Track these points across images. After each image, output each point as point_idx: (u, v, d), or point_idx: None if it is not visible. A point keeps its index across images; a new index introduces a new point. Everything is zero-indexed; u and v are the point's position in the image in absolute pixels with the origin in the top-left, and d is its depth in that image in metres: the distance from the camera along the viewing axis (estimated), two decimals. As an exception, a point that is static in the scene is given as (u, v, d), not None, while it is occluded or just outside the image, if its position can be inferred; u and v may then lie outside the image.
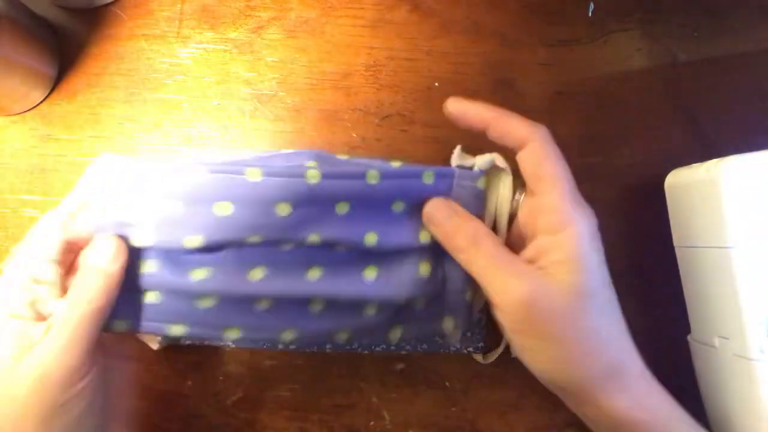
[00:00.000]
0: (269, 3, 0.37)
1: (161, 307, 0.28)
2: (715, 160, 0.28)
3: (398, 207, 0.29)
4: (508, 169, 0.29)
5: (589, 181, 0.36)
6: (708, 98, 0.36)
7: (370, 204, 0.28)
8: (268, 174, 0.27)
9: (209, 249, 0.27)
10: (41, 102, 0.36)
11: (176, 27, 0.37)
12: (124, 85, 0.36)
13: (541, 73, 0.36)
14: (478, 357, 0.33)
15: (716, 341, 0.28)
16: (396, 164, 0.30)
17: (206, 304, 0.27)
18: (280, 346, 0.32)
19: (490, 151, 0.29)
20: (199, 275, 0.27)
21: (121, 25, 0.37)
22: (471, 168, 0.29)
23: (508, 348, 0.34)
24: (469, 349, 0.33)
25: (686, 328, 0.31)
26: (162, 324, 0.28)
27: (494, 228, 0.30)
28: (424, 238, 0.29)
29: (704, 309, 0.30)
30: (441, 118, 0.36)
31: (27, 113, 0.36)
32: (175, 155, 0.36)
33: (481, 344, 0.33)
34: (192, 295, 0.27)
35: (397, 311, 0.29)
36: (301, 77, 0.36)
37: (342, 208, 0.28)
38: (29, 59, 0.33)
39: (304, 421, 0.34)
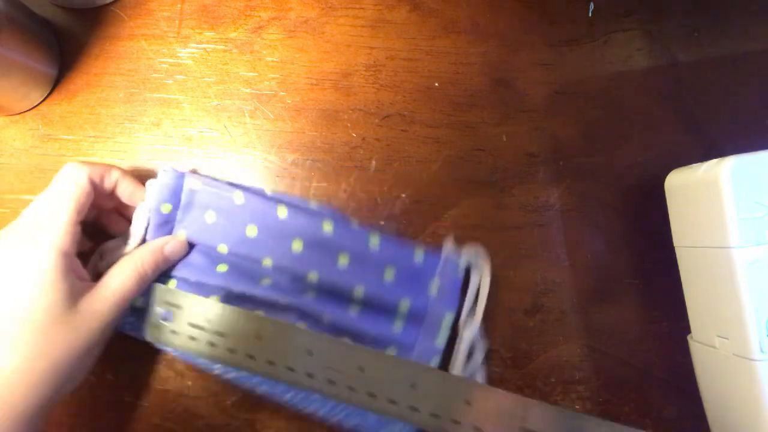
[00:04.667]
0: (269, 3, 0.37)
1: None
2: (715, 160, 0.28)
3: (389, 275, 0.33)
4: (488, 265, 0.34)
5: (589, 181, 0.36)
6: (708, 98, 0.36)
7: (366, 264, 0.33)
8: (292, 214, 0.33)
9: (233, 256, 0.33)
10: (41, 102, 0.36)
11: (176, 27, 0.37)
12: (124, 85, 0.36)
13: (541, 73, 0.36)
14: None
15: (716, 341, 0.28)
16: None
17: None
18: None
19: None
20: (222, 268, 0.32)
21: (121, 25, 0.37)
22: (457, 257, 0.34)
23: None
24: None
25: (686, 328, 0.31)
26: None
27: (474, 308, 0.33)
28: (403, 306, 0.33)
29: (704, 309, 0.30)
30: (441, 118, 0.36)
31: (27, 113, 0.36)
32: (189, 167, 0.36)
33: None
34: (209, 289, 0.32)
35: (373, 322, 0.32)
36: (301, 77, 0.36)
37: (343, 260, 0.33)
38: (29, 59, 0.33)
39: (304, 420, 0.34)
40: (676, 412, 0.34)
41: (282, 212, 0.33)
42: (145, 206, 0.32)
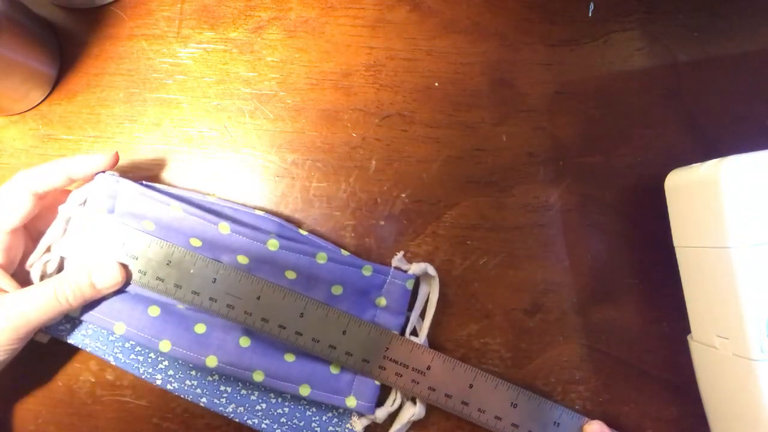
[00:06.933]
0: (269, 3, 0.37)
1: (115, 306, 0.31)
2: (715, 160, 0.28)
3: (337, 290, 0.33)
4: (437, 278, 0.33)
5: (589, 181, 0.36)
6: (708, 98, 0.36)
7: (314, 278, 0.32)
8: (235, 231, 0.32)
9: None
10: (41, 102, 0.36)
11: (176, 27, 0.37)
12: (124, 85, 0.36)
13: (541, 73, 0.36)
14: None
15: (716, 341, 0.28)
16: (345, 253, 0.34)
17: (153, 313, 0.31)
18: (198, 375, 0.32)
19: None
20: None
21: (121, 25, 0.37)
22: (405, 271, 0.34)
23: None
24: None
25: (686, 328, 0.31)
26: (111, 320, 0.31)
27: (420, 321, 0.34)
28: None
29: (704, 309, 0.30)
30: (441, 118, 0.36)
31: (27, 113, 0.36)
32: (175, 189, 0.36)
33: None
34: (145, 301, 0.31)
35: (311, 371, 0.32)
36: (301, 77, 0.36)
37: (290, 275, 0.32)
38: (29, 59, 0.33)
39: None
40: (676, 412, 0.34)
41: (224, 228, 0.31)
42: (63, 211, 0.31)
